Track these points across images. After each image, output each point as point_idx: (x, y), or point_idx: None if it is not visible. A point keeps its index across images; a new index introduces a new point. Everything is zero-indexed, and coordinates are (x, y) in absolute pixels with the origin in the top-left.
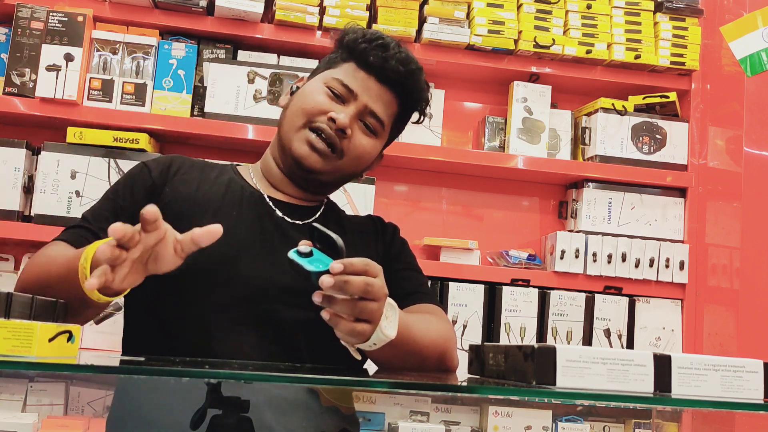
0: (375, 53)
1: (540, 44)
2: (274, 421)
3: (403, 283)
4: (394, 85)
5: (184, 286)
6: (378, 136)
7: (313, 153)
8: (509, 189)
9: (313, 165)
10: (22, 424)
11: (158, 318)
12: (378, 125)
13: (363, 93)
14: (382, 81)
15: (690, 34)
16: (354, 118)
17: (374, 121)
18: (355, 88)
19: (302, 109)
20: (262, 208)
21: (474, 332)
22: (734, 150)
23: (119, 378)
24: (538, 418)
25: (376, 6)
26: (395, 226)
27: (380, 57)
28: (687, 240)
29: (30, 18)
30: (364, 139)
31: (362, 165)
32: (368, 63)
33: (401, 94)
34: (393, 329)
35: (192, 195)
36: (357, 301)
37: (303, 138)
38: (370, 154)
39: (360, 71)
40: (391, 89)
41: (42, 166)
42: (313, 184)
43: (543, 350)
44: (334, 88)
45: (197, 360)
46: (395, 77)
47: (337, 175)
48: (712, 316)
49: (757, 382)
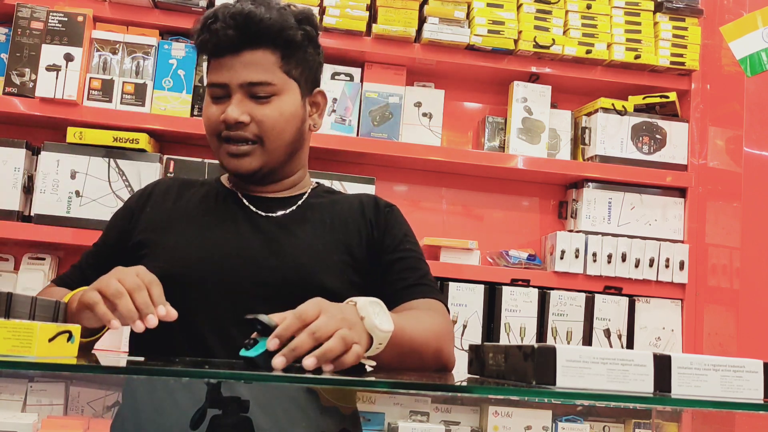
0: (208, 36)
1: (540, 44)
2: (274, 421)
3: (403, 273)
4: (247, 44)
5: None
6: (280, 93)
7: (240, 159)
8: (509, 189)
9: (249, 167)
10: (22, 424)
11: None
12: (267, 87)
13: (232, 76)
14: (236, 50)
15: (690, 34)
16: (242, 103)
17: (260, 87)
18: (223, 78)
19: (206, 131)
20: (236, 208)
21: (474, 332)
22: (734, 150)
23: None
24: (538, 418)
25: (376, 6)
26: (389, 208)
27: (213, 35)
28: (687, 240)
29: (30, 18)
30: (266, 110)
31: (288, 129)
32: (212, 49)
33: (262, 42)
34: (388, 322)
35: (169, 208)
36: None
37: (224, 153)
38: (283, 116)
39: (216, 60)
40: (251, 48)
41: (42, 166)
42: (270, 179)
43: (543, 350)
44: (213, 94)
45: (197, 360)
46: (239, 38)
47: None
48: (712, 316)
49: (757, 382)
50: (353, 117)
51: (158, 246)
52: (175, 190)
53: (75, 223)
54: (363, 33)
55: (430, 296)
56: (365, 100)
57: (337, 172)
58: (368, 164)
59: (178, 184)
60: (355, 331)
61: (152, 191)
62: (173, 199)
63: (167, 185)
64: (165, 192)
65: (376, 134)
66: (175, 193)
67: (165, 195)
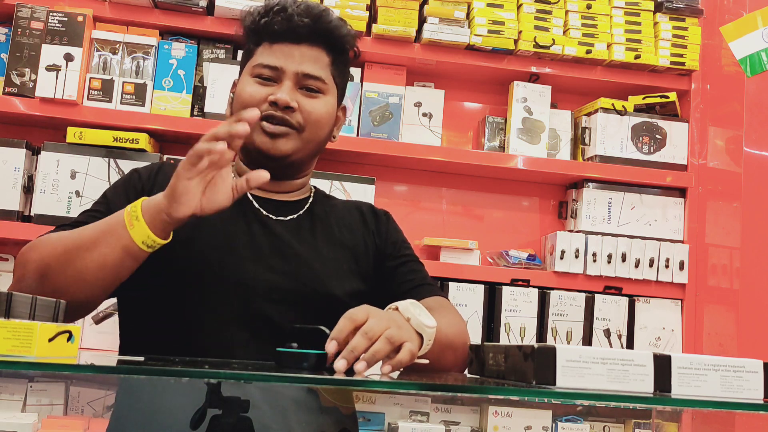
0: (277, 20)
1: (540, 44)
2: (274, 421)
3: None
4: (310, 38)
5: (175, 287)
6: (325, 93)
7: (276, 139)
8: (509, 189)
9: (281, 150)
10: (22, 424)
11: (151, 321)
12: (319, 83)
13: (288, 63)
14: (298, 41)
15: (690, 34)
16: (293, 91)
17: (313, 81)
18: (279, 63)
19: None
20: (246, 207)
21: (474, 332)
22: (734, 150)
23: (120, 378)
24: (538, 418)
25: (376, 6)
26: (388, 215)
27: (284, 20)
28: (687, 240)
29: (30, 18)
30: (315, 103)
31: (324, 128)
32: (276, 32)
33: (323, 41)
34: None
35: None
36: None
37: (259, 131)
38: (327, 113)
39: (275, 45)
40: (311, 44)
41: (42, 166)
42: (288, 170)
43: (543, 350)
44: (261, 74)
45: (197, 360)
46: (307, 31)
47: (307, 150)
48: (712, 316)
49: (757, 382)
50: (353, 117)
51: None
52: None
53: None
54: (363, 33)
55: (436, 294)
56: (365, 100)
57: (337, 172)
58: (368, 164)
59: None
60: (404, 330)
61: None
62: None
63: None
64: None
65: (376, 134)
66: None
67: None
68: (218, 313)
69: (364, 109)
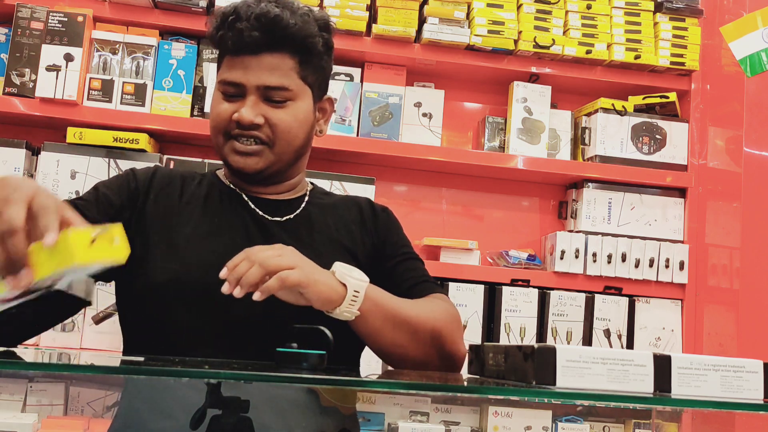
0: (230, 34)
1: (540, 44)
2: (274, 421)
3: (406, 274)
4: (269, 46)
5: (172, 292)
6: (294, 99)
7: (247, 158)
8: (509, 189)
9: (254, 167)
10: (22, 424)
11: (151, 322)
12: (283, 92)
13: (249, 77)
14: (257, 51)
15: (690, 34)
16: (257, 105)
17: (277, 91)
18: (239, 78)
19: (213, 127)
20: (242, 209)
21: (474, 332)
22: (734, 150)
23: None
24: (538, 418)
25: (376, 6)
26: (387, 211)
27: (236, 33)
28: (687, 240)
29: (30, 18)
30: (281, 114)
31: (299, 135)
32: (231, 47)
33: (283, 47)
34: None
35: (174, 205)
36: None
37: (231, 150)
38: (297, 121)
39: (234, 58)
40: (268, 52)
41: (42, 166)
42: (272, 180)
43: (543, 350)
44: (225, 91)
45: (197, 360)
46: (260, 42)
47: (285, 160)
48: (712, 316)
49: (757, 382)
50: (353, 117)
51: (169, 246)
52: (178, 183)
53: None
54: (363, 33)
55: (436, 291)
56: (365, 100)
57: (337, 172)
58: (368, 164)
59: (178, 177)
60: (289, 260)
61: (153, 177)
62: (177, 194)
63: (168, 176)
64: (167, 184)
65: (376, 134)
66: (178, 187)
67: (168, 187)
68: (217, 314)
69: (364, 109)
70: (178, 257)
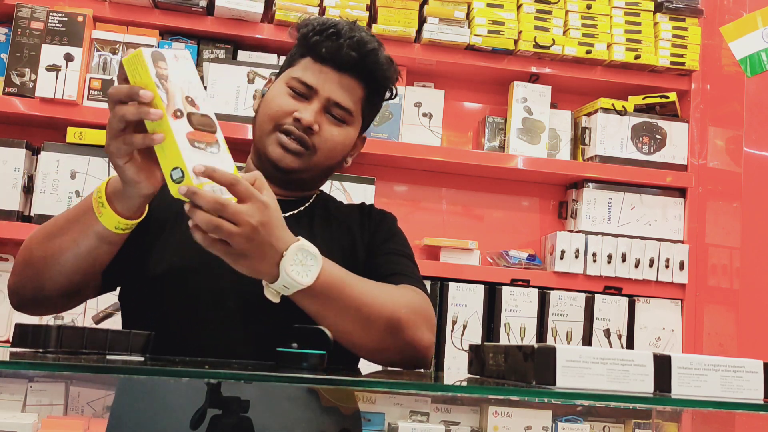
0: (327, 44)
1: (540, 44)
2: (274, 421)
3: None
4: (352, 71)
5: (172, 288)
6: (349, 124)
7: (287, 154)
8: (509, 189)
9: (289, 165)
10: (22, 424)
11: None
12: (345, 114)
13: (323, 86)
14: (340, 69)
15: (690, 34)
16: (319, 113)
17: (340, 111)
18: (314, 83)
19: (268, 114)
20: None
21: (474, 332)
22: (734, 150)
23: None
24: (538, 418)
25: (376, 6)
26: (382, 213)
27: (333, 46)
28: (687, 240)
29: (30, 18)
30: (334, 131)
31: (338, 155)
32: (322, 55)
33: (362, 77)
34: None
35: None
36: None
37: (275, 141)
38: (343, 144)
39: (317, 64)
40: (351, 75)
41: (42, 166)
42: (294, 184)
43: (543, 350)
44: (295, 88)
45: (197, 360)
46: (352, 63)
47: (316, 171)
48: (712, 316)
49: (757, 382)
50: None
51: (169, 241)
52: None
53: None
54: None
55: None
56: None
57: (337, 172)
58: (368, 164)
59: None
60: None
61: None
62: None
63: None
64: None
65: (376, 134)
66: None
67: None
68: (216, 313)
69: None
70: (176, 251)
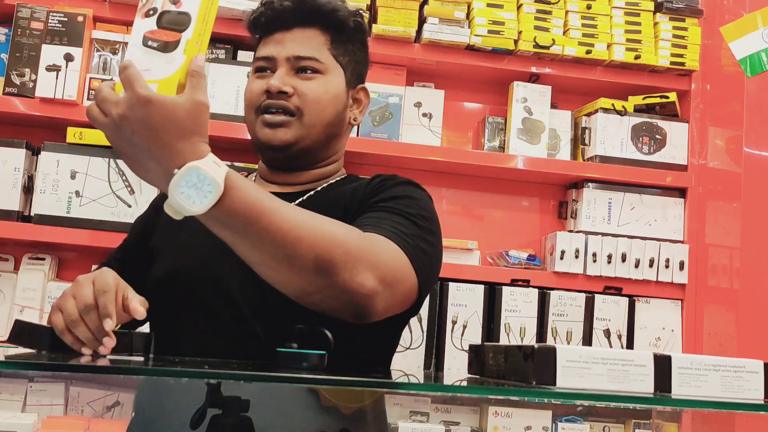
0: (267, 13)
1: (540, 44)
2: (274, 421)
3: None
4: (300, 21)
5: (174, 289)
6: (323, 73)
7: (276, 129)
8: (509, 189)
9: (283, 139)
10: (21, 424)
11: (152, 322)
12: (313, 63)
13: (279, 51)
14: (288, 27)
15: (690, 34)
16: (287, 76)
17: (307, 61)
18: (270, 52)
19: (246, 104)
20: None
21: (474, 332)
22: (734, 150)
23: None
24: (538, 419)
25: (376, 6)
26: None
27: (270, 10)
28: (687, 240)
29: (30, 18)
30: (311, 84)
31: (328, 110)
32: (267, 25)
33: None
34: (199, 203)
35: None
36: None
37: (261, 124)
38: (327, 94)
39: (268, 37)
40: (302, 26)
41: (42, 166)
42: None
43: (543, 350)
44: (259, 67)
45: (197, 360)
46: (293, 14)
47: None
48: (712, 316)
49: (757, 382)
50: None
51: (173, 244)
52: None
53: (75, 223)
54: None
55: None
56: None
57: None
58: (368, 164)
59: None
60: (129, 145)
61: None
62: None
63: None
64: None
65: (376, 134)
66: None
67: None
68: (216, 314)
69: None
70: (178, 253)
